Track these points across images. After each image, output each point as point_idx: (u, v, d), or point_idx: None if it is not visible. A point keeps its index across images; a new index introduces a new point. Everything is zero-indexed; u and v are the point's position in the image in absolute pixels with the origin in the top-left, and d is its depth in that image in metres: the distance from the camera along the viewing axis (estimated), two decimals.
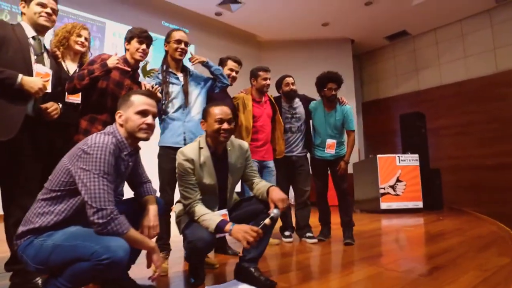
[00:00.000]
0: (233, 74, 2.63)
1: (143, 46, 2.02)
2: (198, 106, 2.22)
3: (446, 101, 6.96)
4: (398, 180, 5.28)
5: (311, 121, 3.17)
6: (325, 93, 2.96)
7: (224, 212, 1.74)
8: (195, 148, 1.77)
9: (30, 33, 1.68)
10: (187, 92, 2.18)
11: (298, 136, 3.09)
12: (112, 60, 1.84)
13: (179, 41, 2.17)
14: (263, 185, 1.80)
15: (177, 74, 2.21)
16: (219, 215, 1.70)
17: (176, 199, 1.95)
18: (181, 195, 1.73)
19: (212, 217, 1.61)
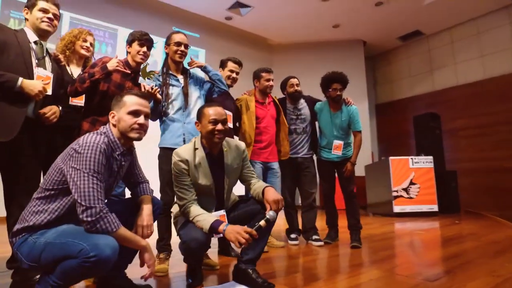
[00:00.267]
0: (234, 76, 2.62)
1: (144, 49, 2.05)
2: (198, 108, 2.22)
3: (463, 102, 6.75)
4: (412, 183, 5.14)
5: (317, 123, 3.13)
6: (330, 94, 2.92)
7: (222, 213, 1.72)
8: (190, 149, 1.76)
9: (32, 38, 1.73)
10: (187, 94, 2.19)
11: (304, 138, 3.05)
12: (112, 63, 1.88)
13: (179, 44, 2.20)
14: (259, 186, 1.77)
15: (177, 76, 2.23)
16: (217, 216, 1.68)
17: None
18: (177, 196, 1.73)
19: (207, 218, 1.59)
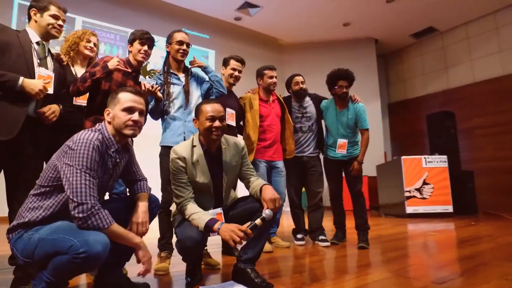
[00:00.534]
0: (236, 74, 2.59)
1: (145, 48, 2.06)
2: None
3: (480, 99, 6.53)
4: (425, 183, 4.99)
5: (323, 121, 3.08)
6: (336, 91, 2.86)
7: (219, 211, 1.70)
8: (188, 146, 1.75)
9: (35, 39, 1.76)
10: (188, 92, 2.19)
11: (310, 136, 3.00)
12: (113, 62, 1.89)
13: (181, 42, 2.20)
14: (258, 184, 1.74)
15: (179, 75, 2.23)
16: (213, 214, 1.66)
17: None
18: (174, 194, 1.71)
19: (202, 216, 1.57)
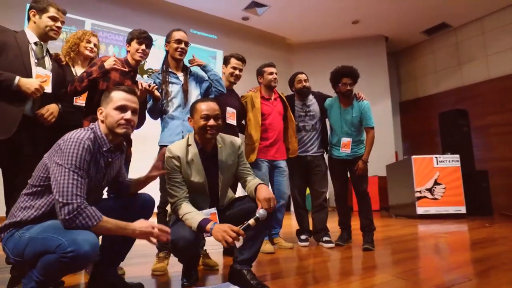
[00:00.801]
0: (237, 72, 2.55)
1: (143, 47, 2.05)
2: None
3: (496, 96, 6.31)
4: (436, 183, 4.84)
5: (328, 119, 3.02)
6: (340, 89, 2.81)
7: (213, 211, 1.67)
8: (183, 145, 1.73)
9: (33, 39, 1.78)
10: (187, 91, 2.17)
11: (313, 135, 2.95)
12: (110, 61, 1.89)
13: (179, 41, 2.19)
14: (254, 183, 1.70)
15: (177, 74, 2.22)
16: (207, 214, 1.64)
17: None
18: (168, 193, 1.69)
19: (195, 216, 1.54)
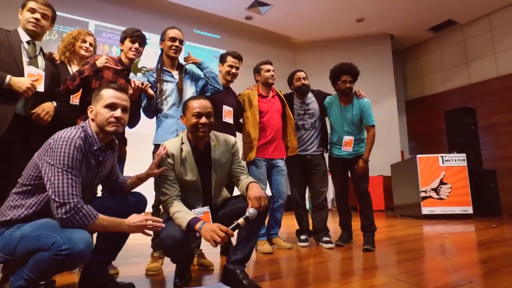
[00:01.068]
0: (233, 71, 2.52)
1: (136, 45, 2.05)
2: None
3: (505, 94, 6.17)
4: (442, 183, 4.74)
5: (327, 118, 2.97)
6: (340, 87, 2.76)
7: (206, 210, 1.65)
8: (177, 143, 1.72)
9: (25, 38, 1.79)
10: (181, 89, 2.16)
11: (313, 134, 2.90)
12: (101, 60, 1.89)
13: (174, 39, 2.17)
14: (246, 182, 1.68)
15: (172, 72, 2.20)
16: (200, 213, 1.62)
17: None
18: (160, 192, 1.68)
19: (185, 215, 1.52)
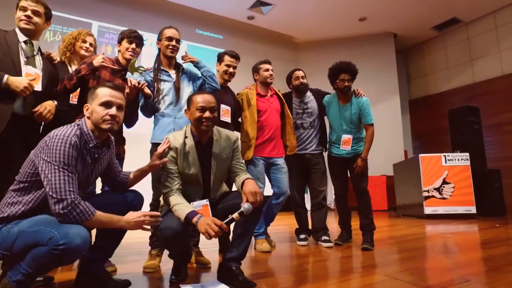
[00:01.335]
0: (231, 70, 2.52)
1: (133, 46, 2.07)
2: None
3: (510, 93, 6.09)
4: (445, 182, 4.69)
5: (326, 117, 2.96)
6: (338, 85, 2.75)
7: (205, 203, 1.68)
8: (181, 137, 1.75)
9: (22, 38, 1.81)
10: (179, 88, 2.17)
11: (312, 133, 2.90)
12: (98, 59, 1.91)
13: (170, 38, 2.19)
14: (242, 178, 1.71)
15: (169, 71, 2.22)
16: (199, 206, 1.65)
17: None
18: (161, 184, 1.72)
19: (184, 208, 1.55)
